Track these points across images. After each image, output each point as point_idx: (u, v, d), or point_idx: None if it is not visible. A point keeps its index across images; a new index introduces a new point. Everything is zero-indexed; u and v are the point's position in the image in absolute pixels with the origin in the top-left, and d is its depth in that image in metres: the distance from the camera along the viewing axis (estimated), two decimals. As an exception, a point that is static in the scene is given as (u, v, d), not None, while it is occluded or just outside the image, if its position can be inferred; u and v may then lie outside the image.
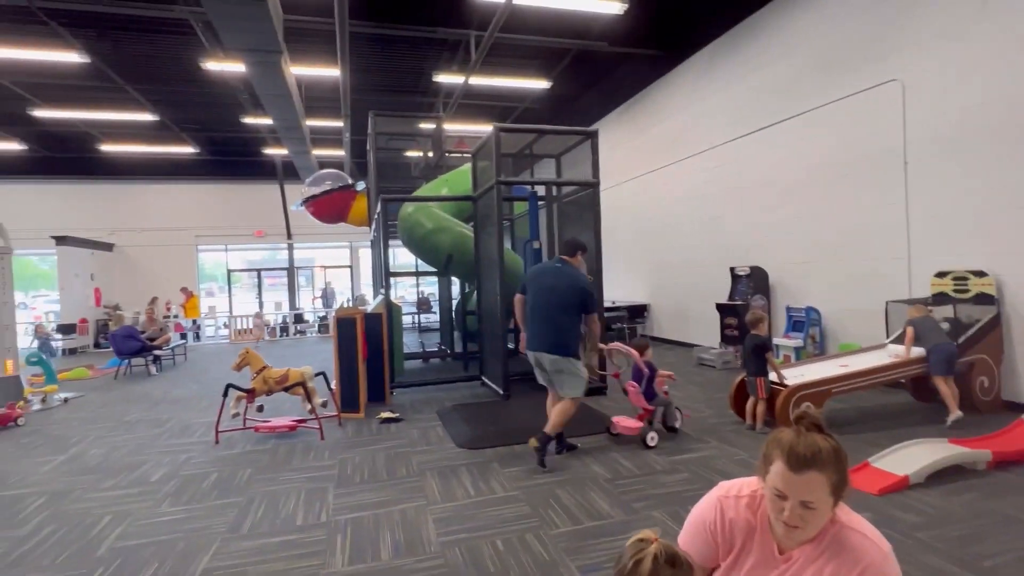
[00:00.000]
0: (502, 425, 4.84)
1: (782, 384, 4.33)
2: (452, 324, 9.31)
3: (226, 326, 14.25)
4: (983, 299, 4.75)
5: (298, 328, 14.66)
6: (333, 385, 5.48)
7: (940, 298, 5.02)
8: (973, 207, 4.90)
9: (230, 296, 16.56)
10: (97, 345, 12.55)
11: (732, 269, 7.60)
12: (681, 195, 9.12)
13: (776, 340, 6.88)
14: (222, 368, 8.54)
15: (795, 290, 6.94)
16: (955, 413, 4.29)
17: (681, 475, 3.56)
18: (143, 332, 9.20)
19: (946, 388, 4.35)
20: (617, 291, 10.68)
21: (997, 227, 4.73)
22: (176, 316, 13.72)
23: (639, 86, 10.11)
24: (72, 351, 11.87)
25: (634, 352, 4.53)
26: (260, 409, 5.27)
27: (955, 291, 4.93)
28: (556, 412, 3.89)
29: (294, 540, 2.86)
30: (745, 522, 1.33)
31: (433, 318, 14.13)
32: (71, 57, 7.70)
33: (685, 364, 7.48)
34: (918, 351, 4.49)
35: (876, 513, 2.89)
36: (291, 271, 16.65)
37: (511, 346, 6.23)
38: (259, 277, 16.78)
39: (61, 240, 12.24)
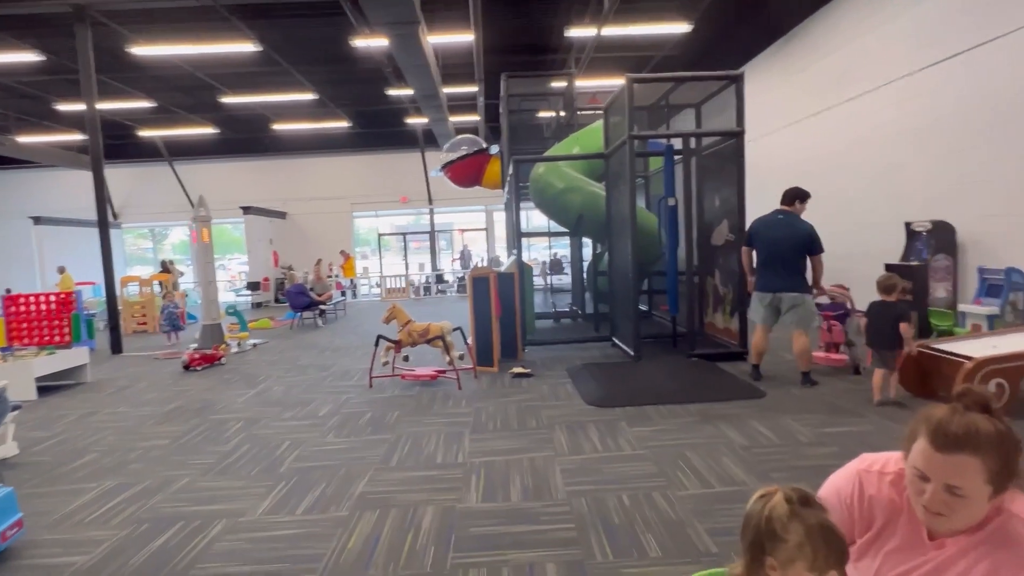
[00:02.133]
0: (631, 385, 4.79)
1: (966, 357, 3.72)
2: (584, 285, 9.31)
3: (378, 285, 15.71)
4: None
5: (439, 288, 15.69)
6: (469, 340, 5.81)
7: None
8: None
9: (380, 258, 18.14)
10: (277, 300, 14.59)
11: (908, 225, 6.59)
12: (847, 142, 8.02)
13: (963, 307, 5.91)
14: (375, 322, 9.46)
15: (991, 248, 5.83)
16: None
17: (829, 448, 3.27)
18: (311, 289, 10.49)
19: None
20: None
21: None
22: (336, 276, 15.40)
23: (796, 19, 8.94)
24: (258, 305, 13.95)
25: (847, 292, 5.18)
26: (406, 359, 5.78)
27: None
28: (799, 352, 4.61)
29: (434, 475, 3.14)
30: (888, 501, 1.18)
31: (565, 279, 14.24)
32: (248, 47, 8.77)
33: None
34: None
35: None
36: (432, 235, 17.73)
37: (643, 307, 6.10)
38: (404, 240, 18.11)
39: (247, 210, 14.29)
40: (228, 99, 11.94)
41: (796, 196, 4.75)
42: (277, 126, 14.87)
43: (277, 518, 2.71)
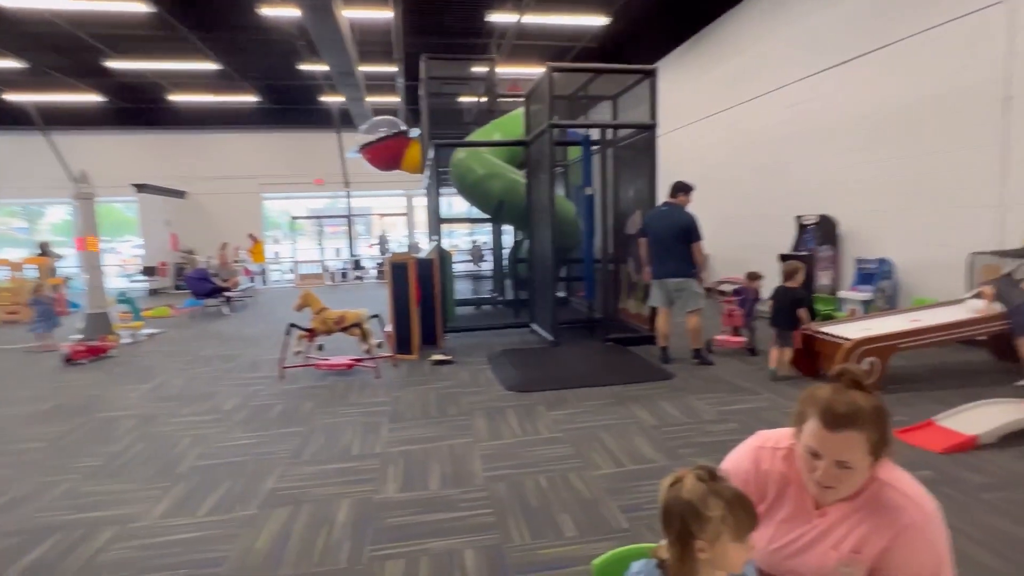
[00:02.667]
0: (549, 370, 4.90)
1: (845, 338, 4.13)
2: (504, 272, 9.37)
3: (291, 271, 14.95)
4: (1086, 251, 4.29)
5: (356, 274, 15.19)
6: (388, 328, 5.68)
7: (1034, 250, 4.57)
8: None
9: (293, 243, 17.27)
10: (177, 287, 13.50)
11: (798, 218, 7.19)
12: (747, 139, 8.59)
13: (842, 293, 6.54)
14: (287, 310, 9.01)
15: (866, 240, 6.50)
16: (1032, 377, 4.00)
17: (729, 425, 3.52)
18: (215, 275, 9.79)
19: (1026, 351, 4.03)
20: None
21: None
22: (244, 261, 14.47)
23: (707, 19, 9.41)
24: (155, 292, 12.84)
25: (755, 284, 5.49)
26: (321, 348, 5.55)
27: (1053, 242, 4.48)
28: (690, 331, 5.04)
29: (350, 467, 3.05)
30: (780, 474, 1.29)
31: (486, 266, 14.27)
32: (138, 7, 7.94)
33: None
34: (998, 308, 4.16)
35: (938, 472, 2.77)
36: (349, 219, 17.10)
37: (561, 294, 6.25)
38: (320, 224, 17.34)
39: (141, 188, 13.04)
40: (116, 64, 10.78)
41: (679, 189, 5.08)
42: (175, 97, 13.64)
43: (175, 521, 2.52)
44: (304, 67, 11.63)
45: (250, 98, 13.89)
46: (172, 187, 14.86)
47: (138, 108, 14.50)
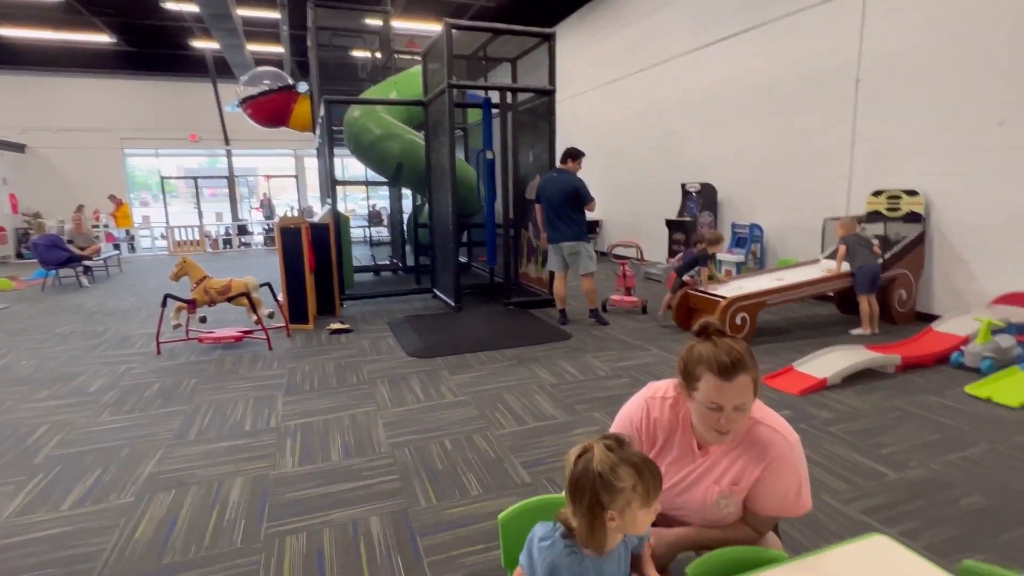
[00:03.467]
0: (452, 335, 4.91)
1: (721, 296, 4.53)
2: (404, 237, 9.15)
3: (163, 237, 13.53)
4: (912, 217, 5.00)
5: (242, 240, 14.10)
6: (280, 297, 5.36)
7: (874, 216, 5.25)
8: (915, 128, 5.02)
9: (166, 205, 15.60)
10: (19, 256, 11.74)
11: (683, 186, 7.67)
12: (639, 109, 8.94)
13: (720, 256, 7.13)
14: (162, 279, 8.18)
15: (741, 207, 7.11)
16: (864, 330, 4.64)
17: (622, 380, 3.76)
18: (70, 241, 8.62)
19: (866, 306, 4.67)
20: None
21: (933, 148, 4.89)
22: (106, 226, 12.87)
23: (601, -13, 9.54)
24: (-8, 261, 11.08)
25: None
26: (203, 320, 5.13)
27: (888, 209, 5.16)
28: (585, 293, 5.28)
29: (243, 444, 2.89)
30: (668, 421, 1.41)
31: (384, 231, 13.85)
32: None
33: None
34: (847, 268, 4.76)
35: (795, 411, 3.16)
36: (231, 180, 15.71)
37: (463, 260, 6.23)
38: (196, 186, 15.77)
39: (-38, 139, 11.01)
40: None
41: (569, 155, 5.14)
42: (6, 31, 11.52)
43: (34, 518, 2.25)
44: (169, 5, 10.29)
45: (102, 37, 12.08)
46: (7, 139, 12.71)
47: (-47, 42, 12.12)
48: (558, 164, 5.21)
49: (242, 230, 14.51)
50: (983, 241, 4.62)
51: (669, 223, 7.71)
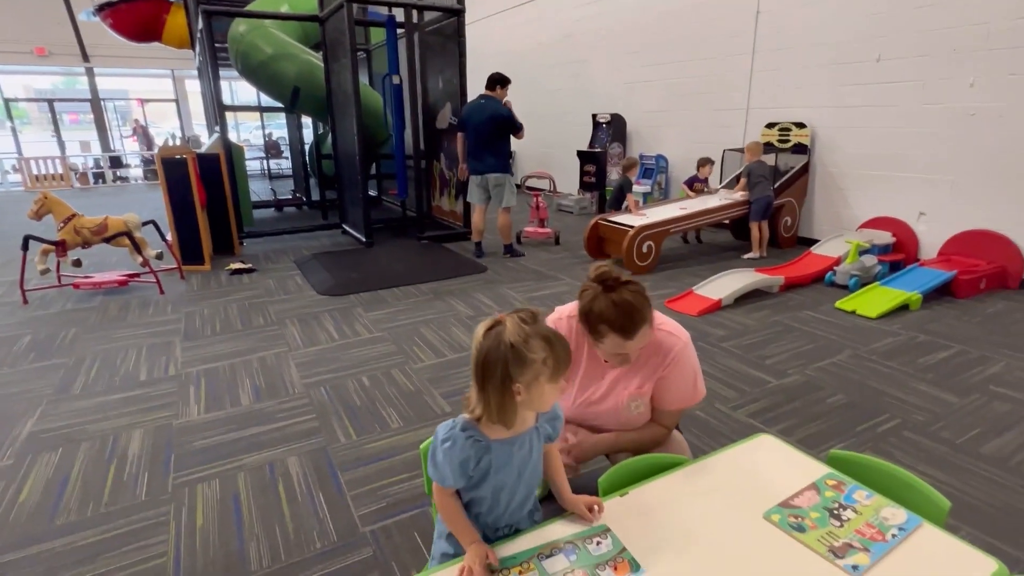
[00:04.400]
0: (365, 271, 4.76)
1: (629, 226, 4.70)
2: (306, 169, 8.56)
3: (16, 170, 11.74)
4: (799, 149, 5.37)
5: (117, 174, 12.58)
6: (169, 236, 4.89)
7: (767, 148, 5.58)
8: (806, 62, 5.29)
9: (15, 133, 13.42)
10: None
11: (594, 116, 7.70)
12: (551, 36, 8.70)
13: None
14: (19, 219, 7.17)
15: (648, 138, 7.28)
16: (754, 253, 5.06)
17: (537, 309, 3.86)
18: None
19: (756, 232, 5.05)
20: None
21: (820, 81, 5.20)
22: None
23: None
24: None
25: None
26: (77, 264, 4.60)
27: (779, 141, 5.50)
28: (500, 227, 5.20)
29: (139, 395, 2.69)
30: (576, 340, 1.50)
31: (285, 164, 12.89)
32: None
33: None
34: (744, 195, 5.08)
35: (695, 330, 3.39)
36: (97, 104, 13.72)
37: (372, 193, 5.96)
38: (53, 110, 13.62)
39: None
40: None
41: (496, 81, 4.91)
42: None
43: None
44: None
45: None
46: None
47: None
48: (484, 90, 4.91)
49: (116, 162, 12.92)
50: (857, 170, 5.08)
51: (580, 154, 7.76)
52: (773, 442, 1.37)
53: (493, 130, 4.82)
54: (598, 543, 1.05)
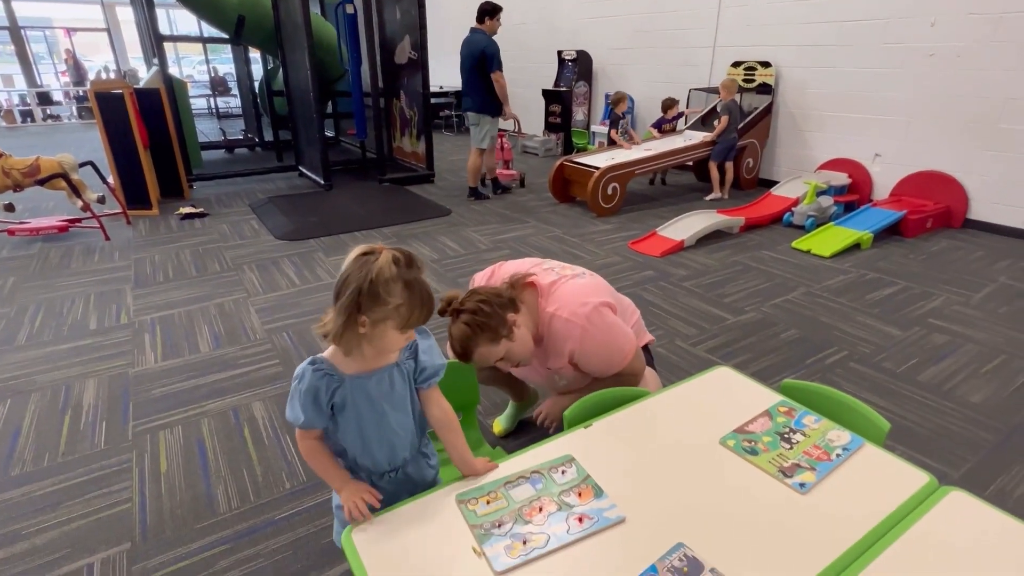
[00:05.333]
0: (325, 215, 4.62)
1: (595, 167, 4.66)
2: (257, 108, 8.08)
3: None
4: (763, 89, 5.35)
5: (48, 112, 11.63)
6: (110, 179, 4.60)
7: (732, 87, 5.53)
8: (774, -4, 5.19)
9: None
10: None
11: (560, 53, 7.45)
12: (513, -38, 8.23)
13: (594, 127, 7.23)
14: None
15: (615, 77, 7.12)
16: (716, 194, 5.12)
17: (502, 252, 3.84)
18: None
19: (716, 173, 5.09)
20: (444, 75, 9.98)
21: (787, 19, 5.12)
22: None
23: None
24: None
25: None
26: (10, 208, 4.30)
27: (744, 80, 5.46)
28: (469, 168, 5.07)
29: (91, 344, 2.60)
30: None
31: (233, 102, 12.14)
32: None
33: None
34: (703, 136, 5.07)
35: (657, 271, 3.48)
36: (17, 32, 12.45)
37: (329, 133, 5.70)
38: (-36, 39, 12.32)
39: None
40: None
41: (486, 12, 4.67)
42: None
43: None
44: None
45: None
46: None
47: None
48: (474, 23, 4.70)
49: (44, 99, 11.90)
50: (818, 111, 5.11)
51: (546, 93, 7.55)
52: (730, 373, 1.42)
53: (474, 66, 4.66)
54: (563, 472, 1.08)
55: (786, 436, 1.17)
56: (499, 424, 1.96)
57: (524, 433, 1.92)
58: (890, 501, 0.99)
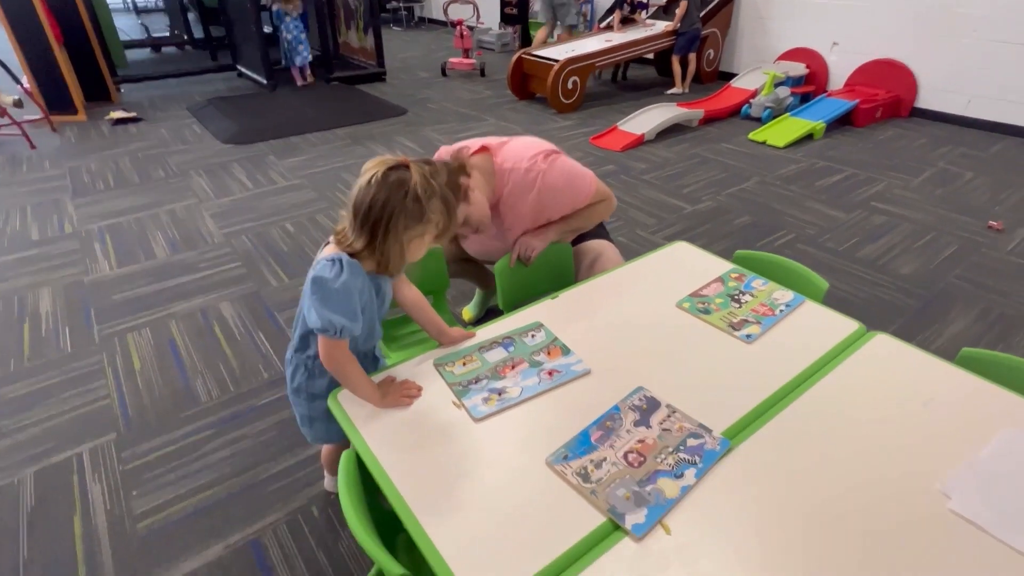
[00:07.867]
0: (272, 117, 4.36)
1: (554, 60, 4.48)
2: (182, 1, 7.27)
3: None
4: (727, -27, 5.13)
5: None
6: (25, 81, 4.16)
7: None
8: None
9: None
10: None
11: (515, -67, 6.86)
12: None
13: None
14: None
15: (574, -39, 6.65)
16: (677, 89, 5.04)
17: (462, 151, 3.76)
18: None
19: (678, 68, 4.98)
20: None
21: None
22: None
23: None
24: None
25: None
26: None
27: (708, -37, 5.20)
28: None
29: (37, 255, 2.49)
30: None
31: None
32: None
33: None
34: (666, 26, 4.90)
35: (617, 165, 3.49)
36: None
37: (268, 29, 5.23)
38: None
39: None
40: None
41: None
42: None
43: None
44: None
45: None
46: None
47: None
48: None
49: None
50: (781, -3, 4.98)
51: (503, -19, 7.04)
52: (687, 247, 1.50)
53: None
54: (532, 336, 1.16)
55: (736, 297, 1.27)
56: (468, 312, 2.04)
57: (493, 320, 2.00)
58: (824, 344, 1.11)
